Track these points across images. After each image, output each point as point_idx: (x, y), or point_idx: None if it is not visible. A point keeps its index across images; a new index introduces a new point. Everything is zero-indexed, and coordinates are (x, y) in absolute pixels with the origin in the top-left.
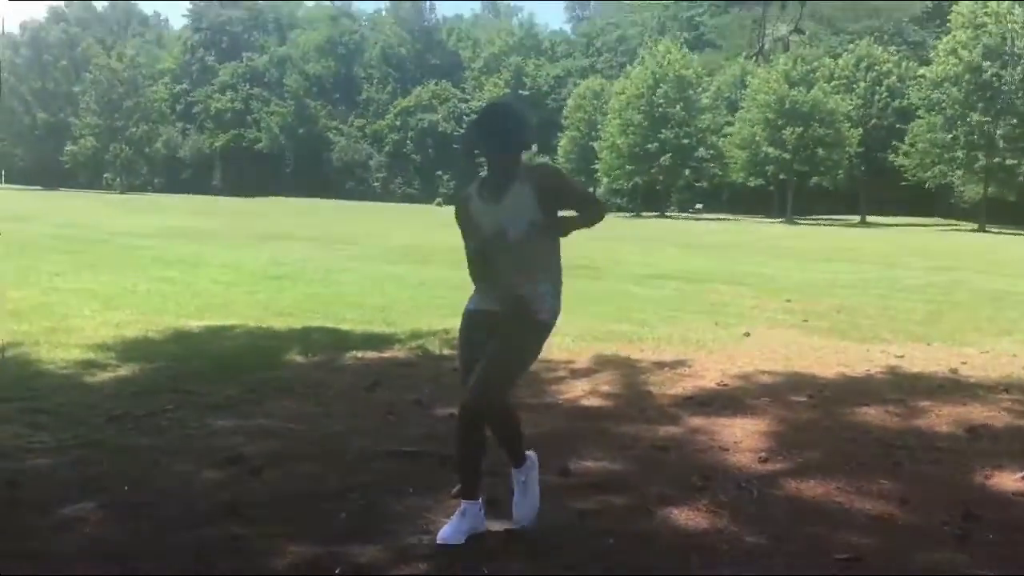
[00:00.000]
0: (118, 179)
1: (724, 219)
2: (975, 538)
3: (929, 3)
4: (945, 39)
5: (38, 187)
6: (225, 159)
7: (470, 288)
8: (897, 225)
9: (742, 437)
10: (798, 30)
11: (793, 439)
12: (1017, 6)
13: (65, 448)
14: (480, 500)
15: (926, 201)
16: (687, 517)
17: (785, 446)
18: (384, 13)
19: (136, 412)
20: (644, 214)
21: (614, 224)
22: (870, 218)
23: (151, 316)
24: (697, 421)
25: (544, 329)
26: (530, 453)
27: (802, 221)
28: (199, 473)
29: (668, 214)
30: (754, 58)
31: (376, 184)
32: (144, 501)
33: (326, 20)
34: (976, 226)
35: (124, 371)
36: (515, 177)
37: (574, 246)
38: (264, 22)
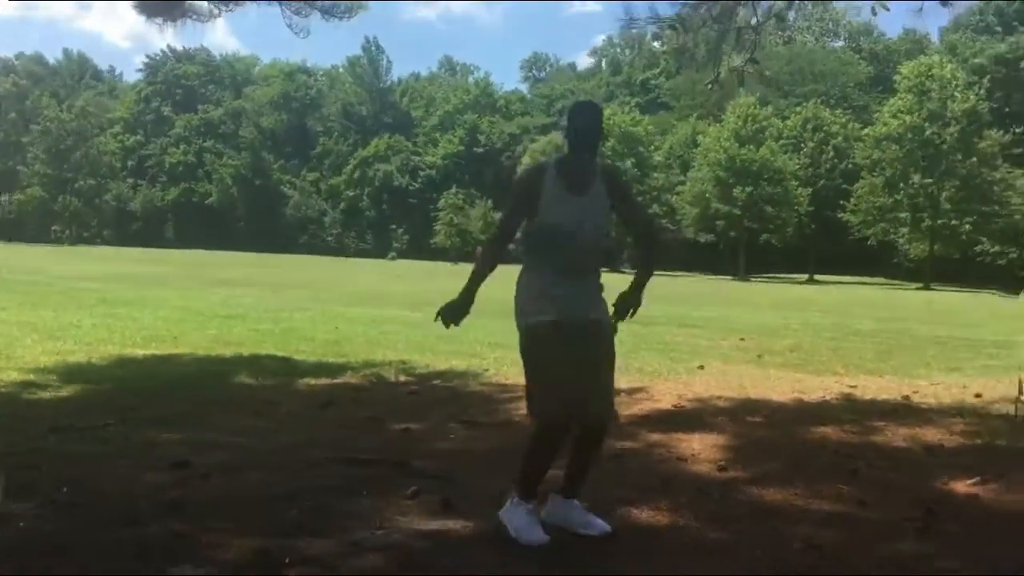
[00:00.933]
0: (67, 231)
1: (676, 275)
2: (936, 531)
3: (871, 69)
4: (891, 101)
5: None
6: (177, 212)
7: (428, 327)
8: (845, 283)
9: (700, 449)
10: (752, 60)
11: (751, 452)
12: (960, 70)
13: (3, 454)
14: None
15: (872, 260)
16: (647, 516)
17: (743, 457)
18: (342, 69)
19: (78, 425)
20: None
21: None
22: (818, 276)
23: (95, 346)
24: (655, 436)
25: (609, 327)
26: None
27: (754, 278)
28: (141, 477)
29: (622, 270)
30: (709, 86)
31: (330, 238)
32: (83, 501)
33: (281, 76)
34: (921, 284)
35: (66, 391)
36: (595, 174)
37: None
38: (220, 77)
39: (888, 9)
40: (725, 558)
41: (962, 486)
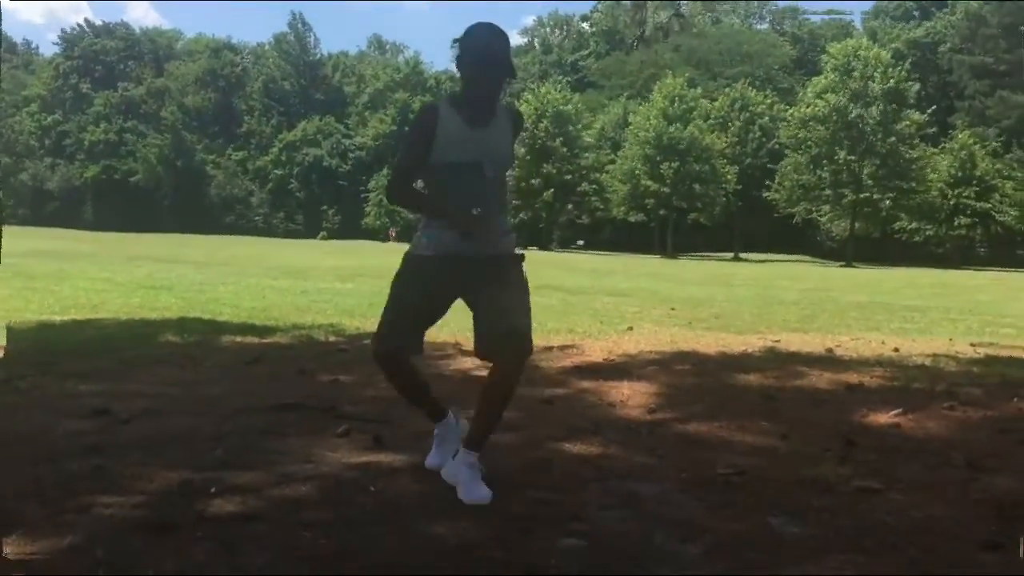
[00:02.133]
0: None
1: (605, 254)
2: (855, 458)
3: (794, 52)
4: (814, 80)
5: None
6: (97, 192)
7: (359, 296)
8: (769, 261)
9: (629, 395)
10: (678, 15)
11: (678, 396)
12: (884, 51)
13: None
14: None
15: (796, 239)
16: (578, 448)
17: (671, 401)
18: (267, 47)
19: None
20: (529, 248)
21: None
22: (743, 255)
23: (10, 314)
24: (585, 384)
25: (522, 260)
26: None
27: (681, 256)
28: (60, 423)
29: (551, 249)
30: (635, 44)
31: (258, 219)
32: None
33: (207, 52)
34: (843, 262)
35: None
36: (496, 106)
37: None
38: (140, 53)
39: None
40: (652, 477)
41: (883, 418)
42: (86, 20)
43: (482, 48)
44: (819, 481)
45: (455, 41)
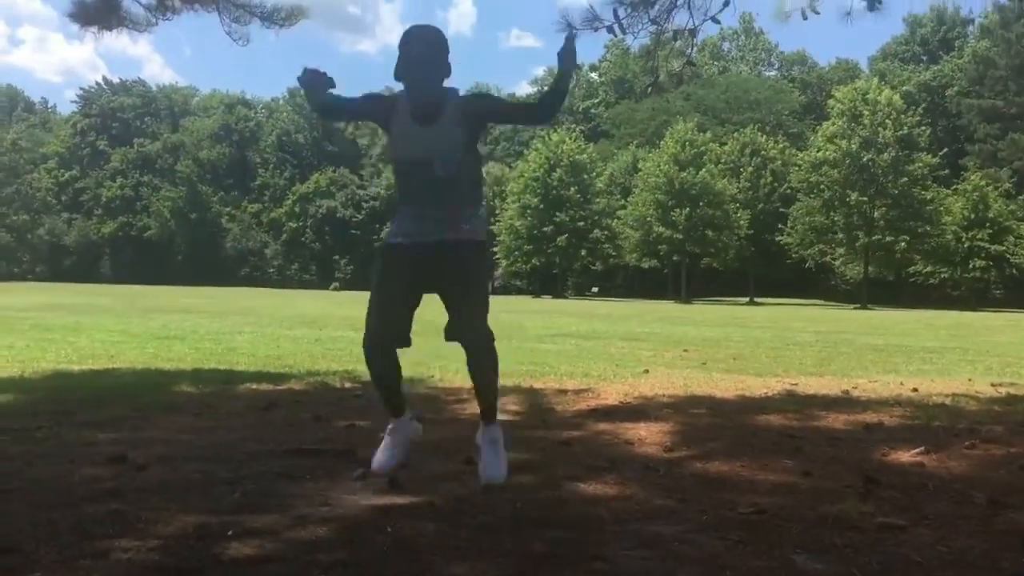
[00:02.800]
0: None
1: (619, 300)
2: (878, 495)
3: (803, 98)
4: (824, 125)
5: None
6: (114, 247)
7: None
8: (784, 304)
9: (646, 436)
10: (690, 62)
11: (696, 435)
12: (896, 95)
13: None
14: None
15: (811, 283)
16: (595, 489)
17: (688, 440)
18: (281, 101)
19: (11, 427)
20: (543, 296)
21: (514, 303)
22: (758, 298)
23: (28, 363)
24: (601, 426)
25: (484, 248)
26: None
27: (696, 301)
28: (77, 470)
29: (565, 296)
30: (648, 90)
31: (272, 270)
32: (16, 488)
33: (221, 107)
34: (858, 305)
35: None
36: (446, 101)
37: None
38: (156, 109)
39: (818, 12)
40: (672, 519)
41: (905, 456)
42: (104, 78)
43: (403, 54)
44: (842, 518)
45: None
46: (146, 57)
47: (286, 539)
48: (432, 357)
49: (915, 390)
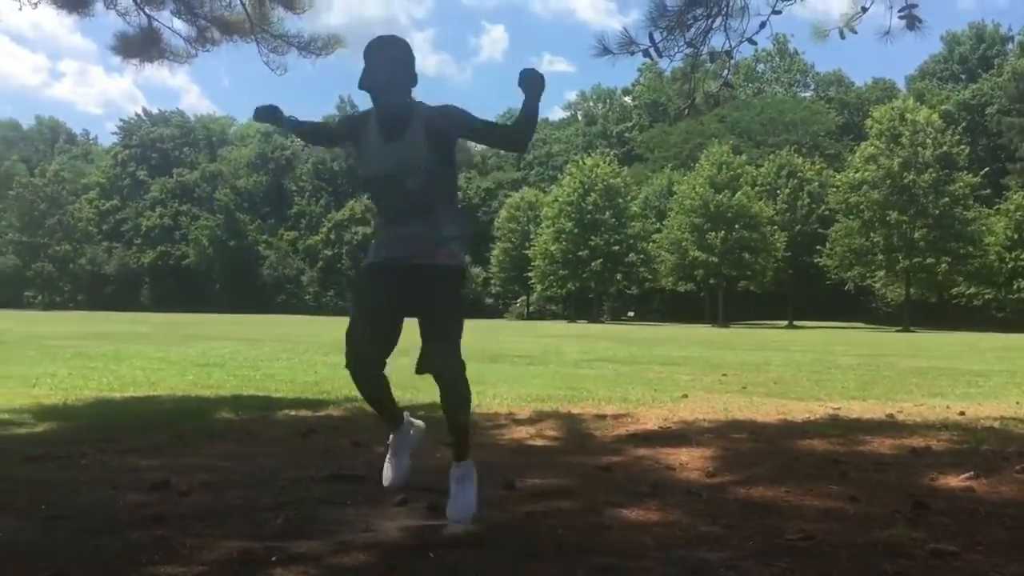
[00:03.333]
0: (39, 297)
1: (655, 324)
2: (928, 521)
3: (841, 118)
4: (863, 145)
5: None
6: (154, 275)
7: (411, 370)
8: (824, 327)
9: (687, 460)
10: (726, 84)
11: (738, 460)
12: (935, 114)
13: None
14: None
15: (850, 306)
16: (637, 515)
17: (731, 465)
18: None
19: (55, 454)
20: (578, 321)
21: (550, 328)
22: (797, 322)
23: (71, 391)
24: (641, 451)
25: (459, 273)
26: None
27: (733, 325)
28: (122, 495)
29: (601, 320)
30: (686, 111)
31: (308, 298)
32: (62, 514)
33: (257, 136)
34: (900, 328)
35: (41, 427)
36: (412, 115)
37: (511, 342)
38: (195, 139)
39: (856, 31)
40: (717, 547)
41: (954, 480)
42: (144, 109)
43: (367, 63)
44: (892, 544)
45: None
46: (184, 88)
47: (329, 565)
48: (472, 384)
49: (962, 413)
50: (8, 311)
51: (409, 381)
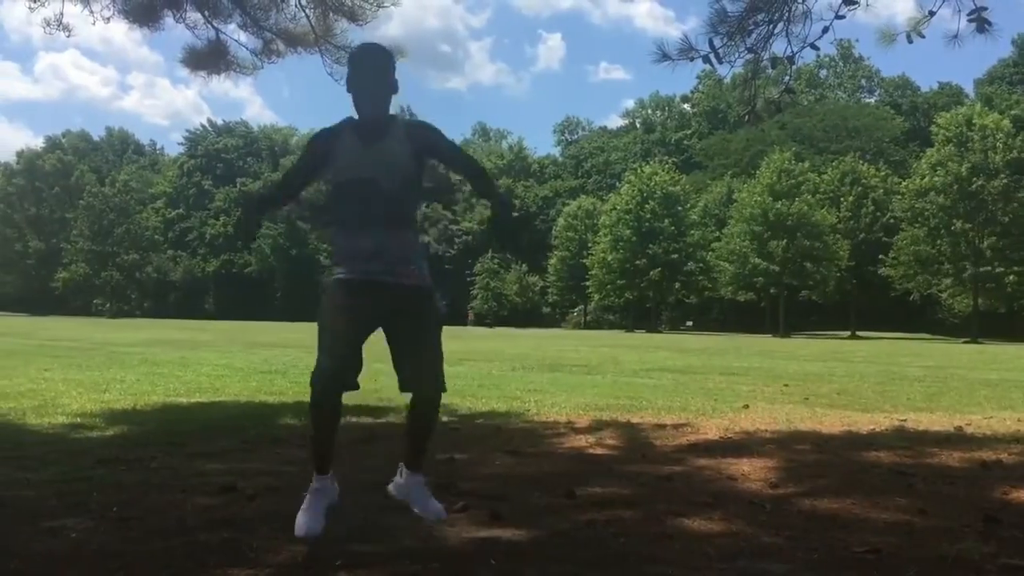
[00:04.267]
0: (108, 304)
1: (715, 334)
2: (999, 535)
3: (907, 123)
4: (929, 152)
5: (24, 313)
6: (217, 283)
7: (468, 377)
8: (888, 338)
9: (749, 471)
10: (788, 89)
11: (802, 472)
12: (1005, 119)
13: (52, 482)
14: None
15: (915, 316)
16: (700, 524)
17: (794, 476)
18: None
19: (125, 457)
20: (636, 331)
21: (607, 337)
22: (860, 332)
23: (140, 396)
24: (702, 461)
25: (431, 294)
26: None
27: (795, 335)
28: (190, 498)
29: (659, 330)
30: (746, 118)
31: None
32: (133, 516)
33: None
34: (968, 339)
35: (112, 431)
36: (392, 123)
37: (568, 352)
38: (258, 150)
39: (923, 35)
40: (781, 558)
41: None
42: (208, 120)
43: (355, 66)
44: (963, 559)
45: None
46: (247, 99)
47: (392, 570)
48: (527, 391)
49: None
50: (79, 319)
51: (467, 389)
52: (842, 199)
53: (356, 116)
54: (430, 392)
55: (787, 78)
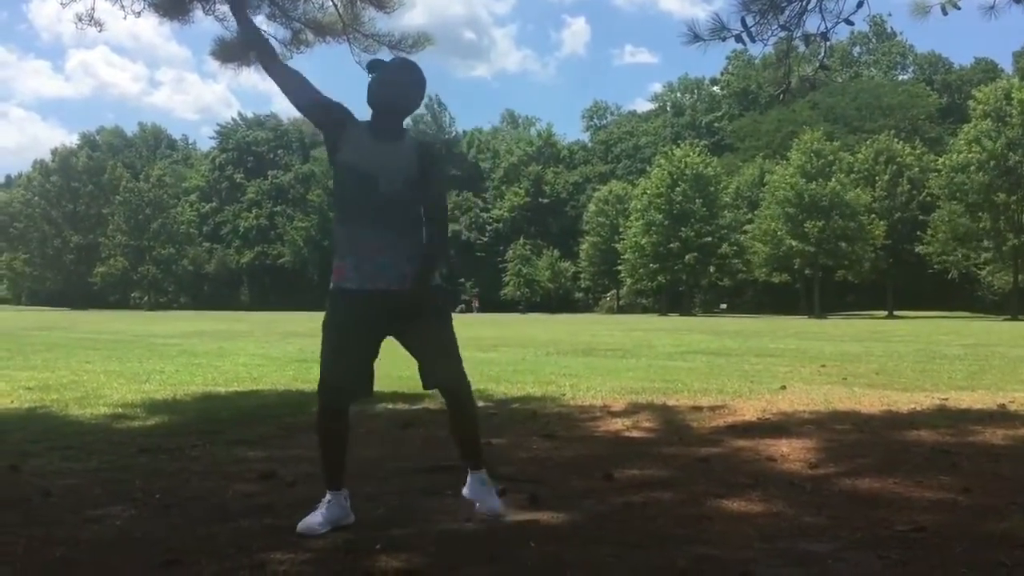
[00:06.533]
0: (145, 297)
1: (750, 316)
2: None
3: (943, 100)
4: (965, 128)
5: (65, 308)
6: (251, 275)
7: (502, 364)
8: (926, 317)
9: (789, 452)
10: (823, 66)
11: (842, 452)
12: None
13: (96, 471)
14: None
15: (954, 294)
16: (739, 505)
17: (834, 457)
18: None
19: (165, 446)
20: (669, 314)
21: (641, 321)
22: (897, 312)
23: (179, 386)
24: (740, 443)
25: (431, 292)
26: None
27: (830, 316)
28: (231, 485)
29: (693, 313)
30: (781, 96)
31: None
32: (175, 503)
33: None
34: (1008, 316)
35: (153, 421)
36: (404, 132)
37: (602, 336)
38: (288, 142)
39: (959, 7)
40: (824, 538)
41: None
42: (239, 114)
43: (380, 90)
44: (1009, 537)
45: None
46: (275, 92)
47: (431, 553)
48: (561, 376)
49: None
50: (118, 311)
51: (502, 374)
52: (877, 178)
53: (372, 120)
54: (450, 384)
55: (822, 55)
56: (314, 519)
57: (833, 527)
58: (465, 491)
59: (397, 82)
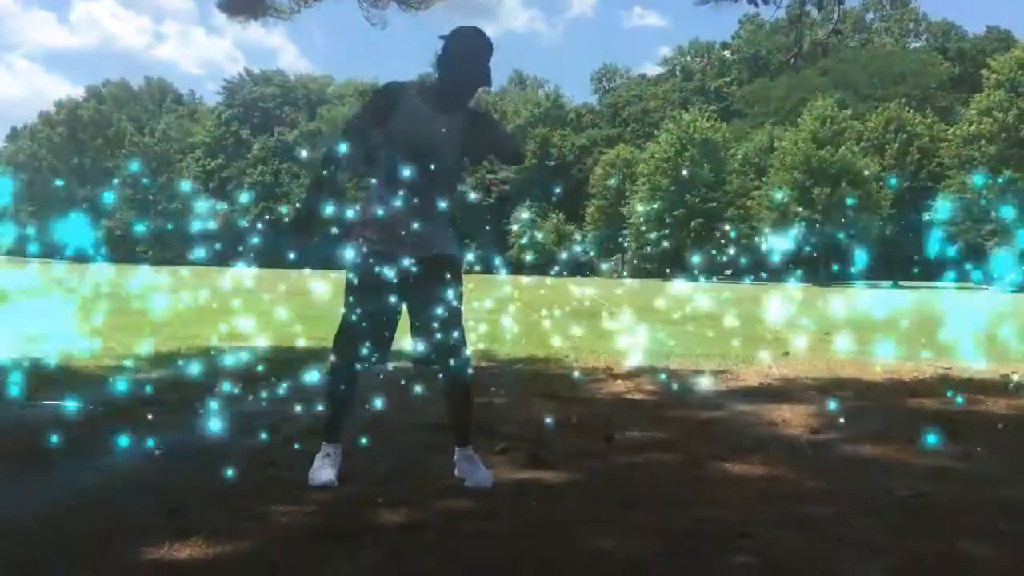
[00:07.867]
0: (150, 252)
1: (756, 283)
2: None
3: (956, 68)
4: (977, 97)
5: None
6: (256, 232)
7: (508, 326)
8: (933, 287)
9: (790, 417)
10: (836, 31)
11: (844, 418)
12: None
13: (95, 422)
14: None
15: (961, 265)
16: (740, 469)
17: (836, 422)
18: None
19: (169, 399)
20: (674, 279)
21: (645, 286)
22: (903, 282)
23: (183, 340)
24: (741, 407)
25: (459, 264)
26: None
27: (835, 284)
28: (236, 439)
29: (697, 278)
30: (792, 61)
31: None
32: (180, 455)
33: (355, 95)
34: (1016, 289)
35: (157, 374)
36: (461, 102)
37: (606, 298)
38: (295, 99)
39: None
40: (824, 502)
41: None
42: (245, 69)
43: (466, 59)
44: (1011, 504)
45: (442, 37)
46: (280, 47)
47: (432, 508)
48: (565, 338)
49: None
50: (125, 265)
51: (505, 335)
52: (887, 146)
53: (437, 89)
54: (463, 360)
55: (835, 19)
56: (326, 473)
57: (833, 491)
58: (456, 472)
59: (479, 55)
